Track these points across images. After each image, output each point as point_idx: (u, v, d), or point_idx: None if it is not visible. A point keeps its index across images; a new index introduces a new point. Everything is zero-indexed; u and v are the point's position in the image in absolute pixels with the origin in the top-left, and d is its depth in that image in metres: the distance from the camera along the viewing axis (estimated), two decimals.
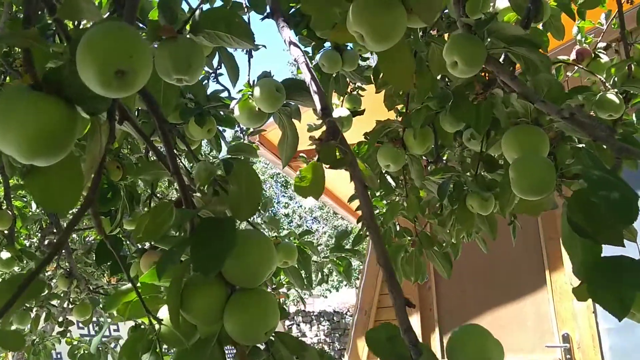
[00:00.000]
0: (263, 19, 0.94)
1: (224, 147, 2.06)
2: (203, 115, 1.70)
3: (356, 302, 4.47)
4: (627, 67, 1.39)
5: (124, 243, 1.95)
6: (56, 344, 2.81)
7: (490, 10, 1.49)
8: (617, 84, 1.38)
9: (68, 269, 2.34)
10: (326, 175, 0.83)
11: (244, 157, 1.97)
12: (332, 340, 12.03)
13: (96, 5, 0.63)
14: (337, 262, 1.93)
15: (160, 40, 0.82)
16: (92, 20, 0.59)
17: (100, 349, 2.79)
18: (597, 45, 1.93)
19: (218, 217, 0.73)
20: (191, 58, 0.82)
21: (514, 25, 1.03)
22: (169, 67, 0.81)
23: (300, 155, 2.48)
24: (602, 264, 0.82)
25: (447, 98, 1.34)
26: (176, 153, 1.94)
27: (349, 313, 12.19)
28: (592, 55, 1.92)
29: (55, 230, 2.33)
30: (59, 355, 5.34)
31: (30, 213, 2.47)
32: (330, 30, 0.82)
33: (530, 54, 0.99)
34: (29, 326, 2.38)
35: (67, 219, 2.23)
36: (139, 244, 1.81)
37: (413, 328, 0.66)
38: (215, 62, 1.82)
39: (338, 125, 0.75)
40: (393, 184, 1.87)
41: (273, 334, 0.79)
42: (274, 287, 1.89)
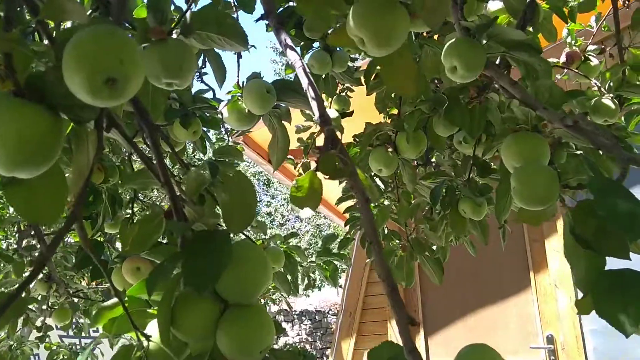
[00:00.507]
0: (257, 20, 0.90)
1: (210, 149, 2.01)
2: (188, 117, 1.65)
3: (341, 303, 4.44)
4: (622, 71, 1.37)
5: (105, 247, 1.89)
6: (34, 348, 2.73)
7: (484, 12, 1.47)
8: (613, 89, 1.36)
9: (47, 273, 2.27)
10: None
11: (230, 160, 1.93)
12: (313, 339, 12.01)
13: (83, 5, 0.59)
14: (323, 267, 1.89)
15: (149, 42, 0.78)
16: (78, 22, 0.55)
17: (80, 352, 2.72)
18: (587, 48, 1.92)
19: (211, 230, 0.69)
20: (182, 61, 0.78)
21: (515, 30, 1.00)
22: (159, 71, 0.77)
23: (289, 157, 2.45)
24: (606, 277, 0.80)
25: (441, 102, 1.31)
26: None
27: (331, 312, 12.19)
28: (582, 58, 1.91)
29: (34, 233, 2.26)
30: (37, 357, 5.24)
31: (8, 215, 2.40)
32: (328, 33, 0.78)
33: (531, 58, 0.97)
34: (5, 331, 2.31)
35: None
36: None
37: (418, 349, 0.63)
38: (199, 61, 1.77)
39: (338, 133, 0.72)
40: (382, 186, 1.84)
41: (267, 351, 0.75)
42: None
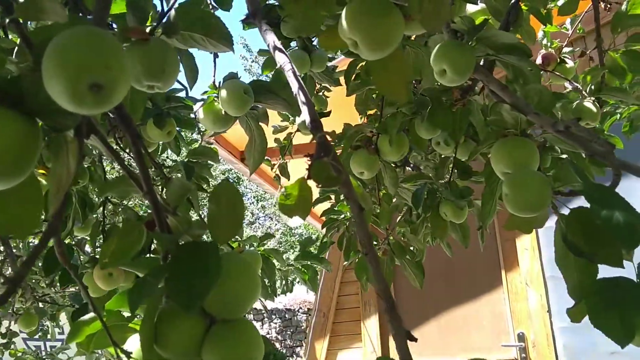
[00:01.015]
0: (243, 21, 0.86)
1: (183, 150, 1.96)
2: (162, 117, 1.60)
3: (314, 304, 4.42)
4: (602, 75, 1.38)
5: (75, 251, 1.82)
6: None
7: (465, 14, 1.45)
8: (594, 92, 1.36)
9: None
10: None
11: (205, 161, 1.88)
12: (284, 337, 11.97)
13: (62, 5, 0.55)
14: (302, 270, 1.86)
15: (129, 43, 0.73)
16: (57, 21, 0.50)
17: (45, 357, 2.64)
18: (563, 50, 1.93)
19: (198, 242, 0.65)
20: (165, 63, 0.73)
21: (506, 33, 0.98)
22: (140, 73, 0.72)
23: (266, 158, 2.41)
24: (600, 286, 0.79)
25: (424, 104, 1.29)
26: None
27: (301, 310, 12.15)
28: (558, 59, 1.92)
29: (3, 249, 2.17)
30: None
31: None
32: (319, 35, 0.75)
33: (520, 62, 0.95)
34: None
35: None
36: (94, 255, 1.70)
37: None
38: None
39: (329, 140, 0.69)
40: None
41: None
42: None
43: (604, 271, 0.81)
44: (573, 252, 0.82)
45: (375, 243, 1.86)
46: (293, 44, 1.76)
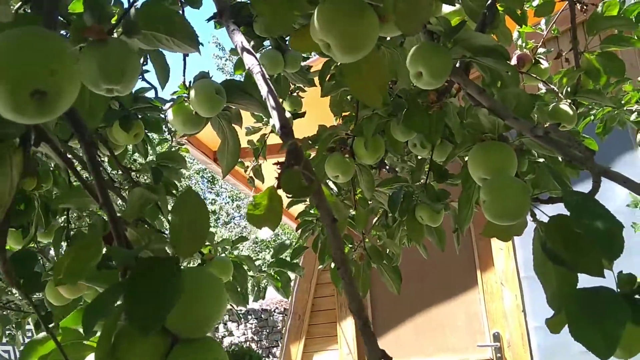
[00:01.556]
0: (209, 20, 0.82)
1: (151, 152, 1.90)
2: (129, 119, 1.54)
3: (289, 306, 4.37)
4: (577, 77, 1.36)
5: (39, 258, 1.75)
6: None
7: (441, 14, 1.43)
8: (570, 94, 1.35)
9: None
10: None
11: (173, 166, 1.82)
12: (259, 338, 11.89)
13: (6, 2, 0.50)
14: (275, 277, 1.82)
15: (86, 43, 0.69)
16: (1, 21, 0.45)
17: None
18: (538, 51, 1.92)
19: (159, 257, 0.60)
20: (125, 65, 0.69)
21: (483, 35, 0.95)
22: (98, 76, 0.67)
23: (240, 160, 2.35)
24: (581, 296, 0.76)
25: (401, 106, 1.26)
26: (98, 160, 1.76)
27: (277, 310, 12.09)
28: (533, 60, 1.91)
29: None
30: None
31: None
32: (292, 35, 0.71)
33: (498, 65, 0.92)
34: None
35: None
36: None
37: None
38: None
39: (302, 148, 0.65)
40: (335, 189, 1.78)
41: None
42: None
43: (584, 280, 0.78)
44: (553, 260, 0.80)
45: (350, 246, 1.83)
46: (267, 43, 1.72)
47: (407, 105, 1.23)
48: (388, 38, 1.41)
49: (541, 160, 1.11)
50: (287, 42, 1.65)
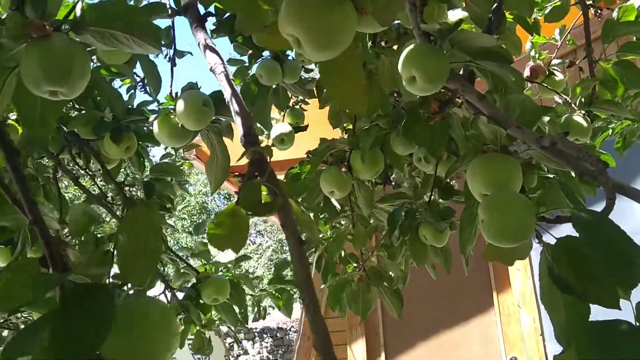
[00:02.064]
0: (171, 15, 0.74)
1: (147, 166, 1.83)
2: (120, 131, 1.47)
3: (298, 327, 4.26)
4: (592, 87, 1.26)
5: None
6: None
7: (446, 20, 1.34)
8: (584, 105, 1.25)
9: None
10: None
11: (170, 179, 1.76)
12: (275, 357, 11.75)
13: None
14: (276, 295, 1.73)
15: (28, 40, 0.61)
16: None
17: None
18: (552, 62, 1.82)
19: (93, 284, 0.52)
20: (70, 64, 0.61)
21: (483, 35, 0.87)
22: (39, 76, 0.60)
23: (235, 174, 2.28)
24: (594, 330, 0.66)
25: (400, 118, 1.17)
26: (91, 172, 1.70)
27: (293, 329, 11.95)
28: (547, 72, 1.81)
29: None
30: None
31: None
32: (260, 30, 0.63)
33: (501, 70, 0.83)
34: None
35: None
36: None
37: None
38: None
39: (266, 156, 0.56)
40: (338, 206, 1.69)
41: None
42: (203, 324, 1.67)
43: (597, 312, 0.68)
44: (560, 288, 0.70)
45: (355, 265, 1.74)
46: (266, 52, 1.65)
47: (406, 115, 1.14)
48: (394, 46, 1.34)
49: (552, 176, 1.02)
50: (285, 51, 1.58)
